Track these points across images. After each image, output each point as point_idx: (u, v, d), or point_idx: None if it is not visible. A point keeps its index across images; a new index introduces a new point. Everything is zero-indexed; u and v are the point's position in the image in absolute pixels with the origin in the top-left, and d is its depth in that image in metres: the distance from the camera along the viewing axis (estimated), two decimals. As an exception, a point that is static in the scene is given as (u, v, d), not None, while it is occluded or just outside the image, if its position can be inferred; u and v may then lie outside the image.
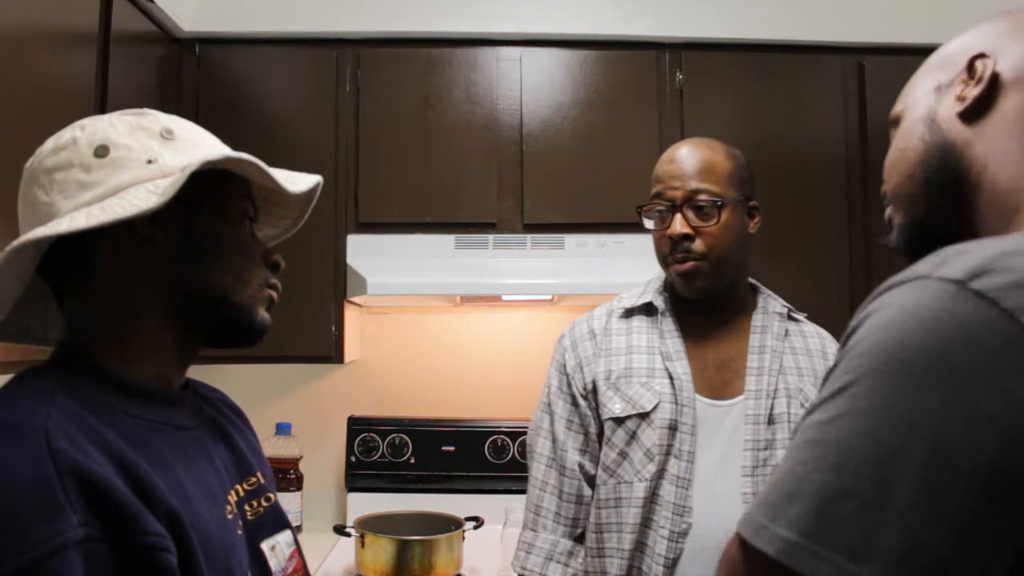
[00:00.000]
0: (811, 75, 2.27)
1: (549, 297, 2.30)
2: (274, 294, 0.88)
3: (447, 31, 2.23)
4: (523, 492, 2.27)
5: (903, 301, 0.56)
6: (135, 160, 0.78)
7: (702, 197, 1.33)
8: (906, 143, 0.74)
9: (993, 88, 0.68)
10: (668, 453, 1.30)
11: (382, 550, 1.92)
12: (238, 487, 0.87)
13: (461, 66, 2.24)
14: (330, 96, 2.22)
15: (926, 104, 0.73)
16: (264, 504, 0.90)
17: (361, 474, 2.39)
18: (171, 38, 2.15)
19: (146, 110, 0.83)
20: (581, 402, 1.39)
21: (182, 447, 0.80)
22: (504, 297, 2.30)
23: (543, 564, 1.37)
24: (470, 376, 2.54)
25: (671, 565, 1.27)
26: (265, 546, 0.88)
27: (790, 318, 1.43)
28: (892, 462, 0.51)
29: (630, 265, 2.14)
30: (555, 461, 1.40)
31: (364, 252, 2.16)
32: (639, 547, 1.30)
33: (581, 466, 1.38)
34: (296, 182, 0.85)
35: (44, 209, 0.77)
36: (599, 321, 1.44)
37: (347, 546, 2.05)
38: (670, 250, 1.35)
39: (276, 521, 0.91)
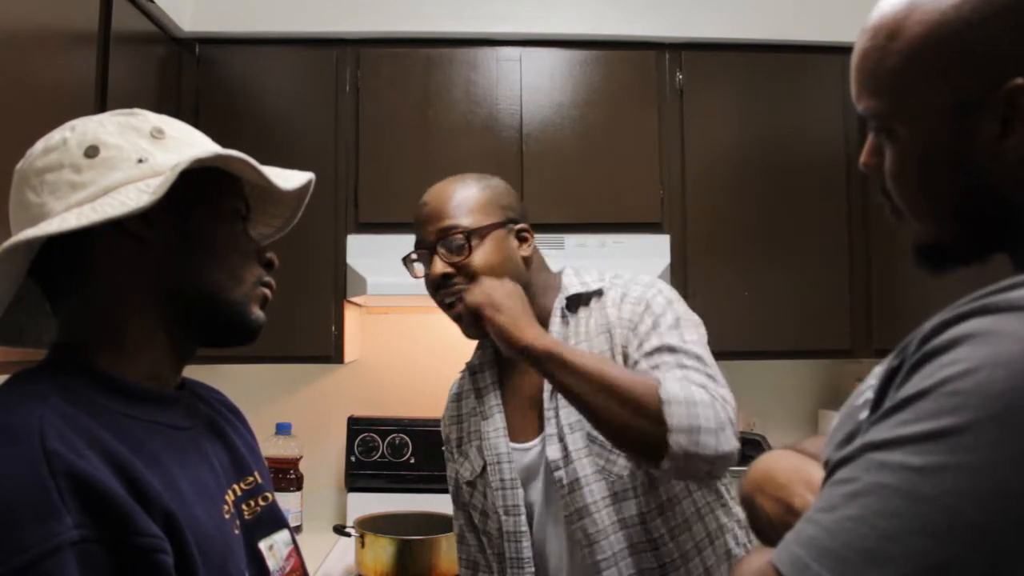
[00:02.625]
0: (811, 75, 2.27)
1: (549, 297, 2.30)
2: (268, 292, 0.87)
3: (447, 31, 2.23)
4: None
5: (1019, 332, 0.47)
6: (126, 160, 0.78)
7: (453, 234, 1.25)
8: (928, 174, 0.65)
9: None
10: (504, 512, 1.28)
11: (382, 550, 1.92)
12: (235, 487, 0.87)
13: (461, 66, 2.24)
14: (330, 96, 2.22)
15: (946, 132, 0.63)
16: (261, 503, 0.90)
17: (361, 474, 2.39)
18: (171, 38, 2.15)
19: (136, 110, 0.83)
20: (450, 470, 1.42)
21: (178, 447, 0.79)
22: (504, 297, 2.30)
23: None
24: (470, 376, 2.53)
25: None
26: (263, 546, 0.87)
27: (582, 302, 1.30)
28: (1012, 537, 0.43)
29: (630, 265, 2.12)
30: (456, 516, 1.43)
31: (364, 252, 2.16)
32: None
33: (470, 537, 1.40)
34: (288, 179, 0.85)
35: (35, 210, 0.77)
36: (455, 385, 1.45)
37: (347, 546, 2.05)
38: (436, 294, 1.27)
39: (274, 520, 0.91)
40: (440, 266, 1.25)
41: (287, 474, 2.31)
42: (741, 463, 1.06)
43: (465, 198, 1.30)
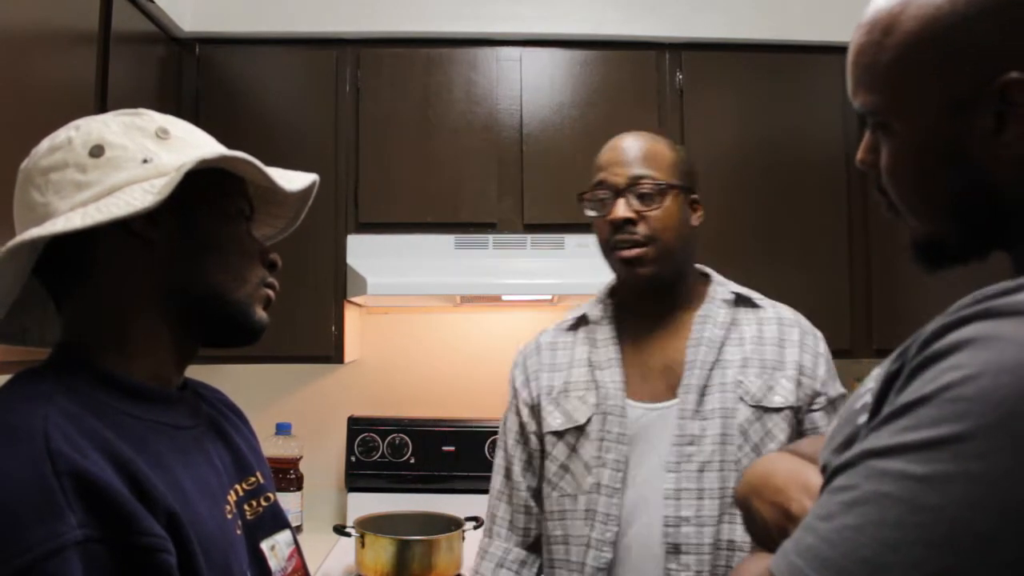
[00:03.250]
0: (811, 75, 2.27)
1: (549, 297, 2.30)
2: (271, 293, 0.87)
3: (447, 31, 2.23)
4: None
5: (1022, 337, 0.46)
6: (130, 160, 0.78)
7: (645, 182, 1.31)
8: (923, 170, 0.64)
9: None
10: (603, 465, 1.29)
11: (382, 550, 1.92)
12: (237, 487, 0.87)
13: (461, 66, 2.24)
14: (330, 96, 2.22)
15: (942, 128, 0.62)
16: (263, 504, 0.90)
17: (361, 474, 2.39)
18: (171, 38, 2.15)
19: (141, 110, 0.83)
20: (526, 417, 1.40)
21: (181, 447, 0.79)
22: (504, 297, 2.30)
23: (493, 570, 1.40)
24: (470, 376, 2.53)
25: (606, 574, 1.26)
26: (264, 546, 0.88)
27: (746, 304, 1.38)
28: (1018, 548, 0.42)
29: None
30: (508, 472, 1.43)
31: (364, 252, 2.16)
32: (604, 572, 1.28)
33: (525, 479, 1.40)
34: (292, 181, 0.85)
35: (40, 210, 0.77)
36: (547, 336, 1.45)
37: (347, 546, 2.05)
38: (612, 235, 1.32)
39: (275, 521, 0.91)
40: (624, 210, 1.30)
41: (287, 474, 2.31)
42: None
43: (658, 152, 1.36)
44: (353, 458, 2.39)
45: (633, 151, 1.34)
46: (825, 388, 1.34)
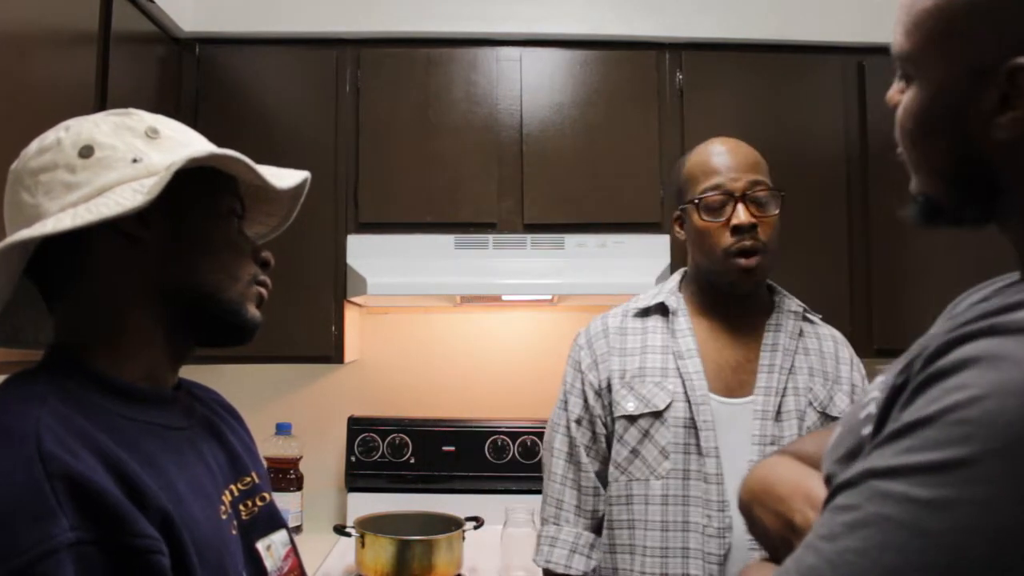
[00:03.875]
0: (811, 75, 2.26)
1: (549, 297, 2.30)
2: (264, 291, 0.87)
3: (447, 31, 2.23)
4: (523, 492, 2.30)
5: None
6: (120, 160, 0.78)
7: (761, 189, 1.34)
8: (927, 125, 0.64)
9: None
10: (690, 452, 1.32)
11: (382, 550, 1.91)
12: (232, 487, 0.87)
13: (461, 66, 2.24)
14: (330, 96, 2.22)
15: (952, 90, 0.61)
16: (259, 504, 0.90)
17: (361, 474, 2.38)
18: (171, 38, 2.15)
19: (131, 110, 0.83)
20: (593, 400, 1.41)
21: (175, 448, 0.79)
22: (504, 297, 2.30)
23: (568, 556, 1.39)
24: (470, 376, 2.53)
25: (723, 562, 1.28)
26: (260, 546, 0.88)
27: (805, 318, 1.44)
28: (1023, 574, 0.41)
29: (630, 265, 2.14)
30: (572, 456, 1.42)
31: (364, 252, 2.16)
32: (679, 551, 1.30)
33: (592, 461, 1.41)
34: (283, 178, 0.85)
35: (30, 211, 0.77)
36: (615, 320, 1.46)
37: (347, 546, 2.05)
38: (734, 241, 1.33)
39: (271, 521, 0.91)
40: (747, 215, 1.33)
41: (287, 474, 2.31)
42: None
43: (761, 159, 1.40)
44: (353, 458, 2.39)
45: (742, 156, 1.37)
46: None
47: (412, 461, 2.38)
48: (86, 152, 0.77)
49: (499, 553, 1.95)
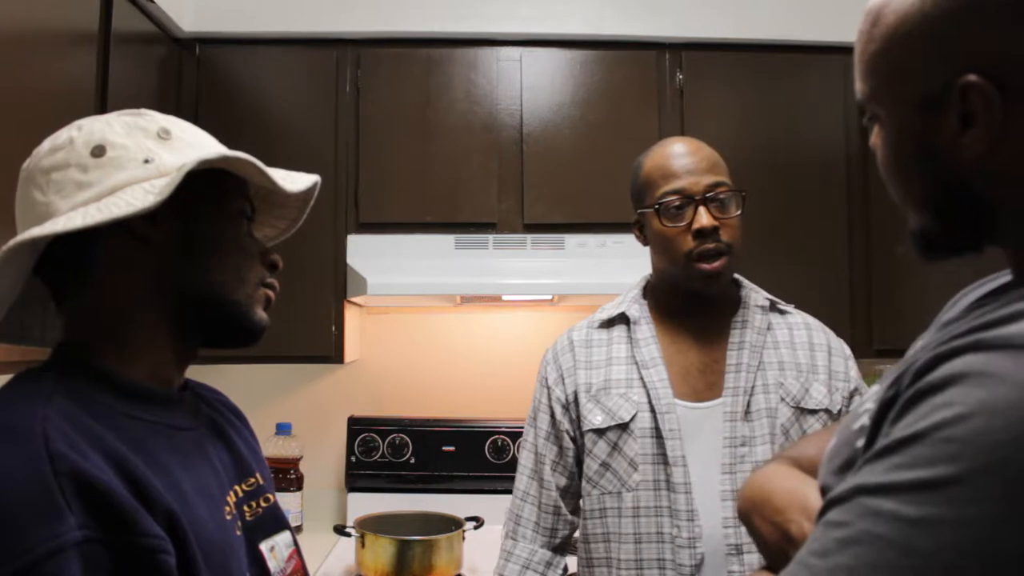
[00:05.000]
0: (811, 75, 2.27)
1: (549, 297, 2.30)
2: (272, 294, 0.87)
3: (447, 31, 2.23)
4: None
5: (1016, 375, 0.45)
6: (132, 160, 0.78)
7: (721, 190, 1.32)
8: (901, 162, 0.65)
9: (1002, 118, 0.57)
10: (658, 462, 1.30)
11: (382, 550, 1.92)
12: (237, 488, 0.87)
13: (461, 66, 2.24)
14: (330, 96, 2.22)
15: (912, 125, 0.62)
16: (263, 505, 0.90)
17: (361, 474, 2.38)
18: (171, 38, 2.15)
19: (143, 110, 0.83)
20: (560, 414, 1.40)
21: (180, 448, 0.79)
22: (504, 297, 2.30)
23: (520, 572, 1.39)
24: (470, 376, 2.53)
25: (695, 573, 1.26)
26: (264, 547, 0.87)
27: (775, 310, 1.42)
28: None
29: (630, 265, 2.13)
30: (536, 473, 1.42)
31: (364, 252, 2.16)
32: (654, 563, 1.29)
33: (555, 478, 1.40)
34: (294, 182, 0.85)
35: (41, 209, 0.77)
36: (579, 333, 1.44)
37: (347, 546, 2.05)
38: (696, 245, 1.30)
39: (275, 522, 0.91)
40: (708, 218, 1.30)
41: (287, 474, 2.31)
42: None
43: (719, 157, 1.37)
44: (353, 458, 2.39)
45: (704, 156, 1.35)
46: (859, 386, 1.39)
47: (412, 461, 2.38)
48: (98, 152, 0.77)
49: (499, 553, 1.95)
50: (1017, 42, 0.57)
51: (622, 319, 1.42)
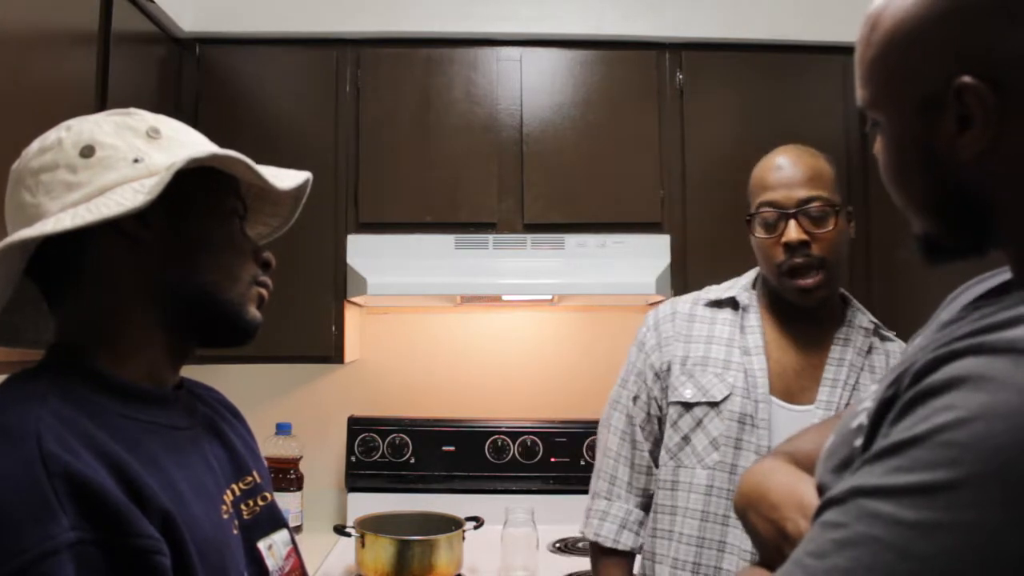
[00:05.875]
0: (811, 75, 2.26)
1: (549, 297, 2.30)
2: (265, 292, 0.87)
3: (447, 31, 2.23)
4: (523, 492, 2.30)
5: (1018, 380, 0.45)
6: (121, 160, 0.78)
7: (815, 204, 1.33)
8: (903, 166, 0.65)
9: (997, 118, 0.57)
10: (738, 447, 1.32)
11: (382, 550, 1.91)
12: (234, 487, 0.87)
13: (461, 66, 2.24)
14: (330, 96, 2.22)
15: (913, 128, 0.63)
16: (260, 503, 0.90)
17: (361, 474, 2.38)
18: (171, 38, 2.15)
19: (133, 109, 0.83)
20: (651, 380, 1.42)
21: (176, 447, 0.79)
22: (504, 297, 2.30)
23: (617, 531, 1.42)
24: (470, 376, 2.53)
25: (755, 560, 1.26)
26: (262, 545, 0.87)
27: (877, 334, 1.41)
28: None
29: (630, 265, 2.14)
30: (628, 434, 1.44)
31: (364, 252, 2.16)
32: (715, 543, 1.31)
33: (648, 440, 1.43)
34: (285, 179, 0.85)
35: (31, 210, 0.77)
36: (684, 306, 1.47)
37: (347, 546, 2.05)
38: (786, 259, 1.32)
39: (273, 520, 0.91)
40: (797, 232, 1.31)
41: (287, 474, 2.31)
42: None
43: (823, 170, 1.37)
44: (353, 458, 2.39)
45: (800, 170, 1.35)
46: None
47: (412, 461, 2.38)
48: (87, 152, 0.77)
49: (499, 553, 1.95)
50: (1011, 42, 0.57)
51: (731, 303, 1.43)
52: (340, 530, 2.05)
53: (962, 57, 0.58)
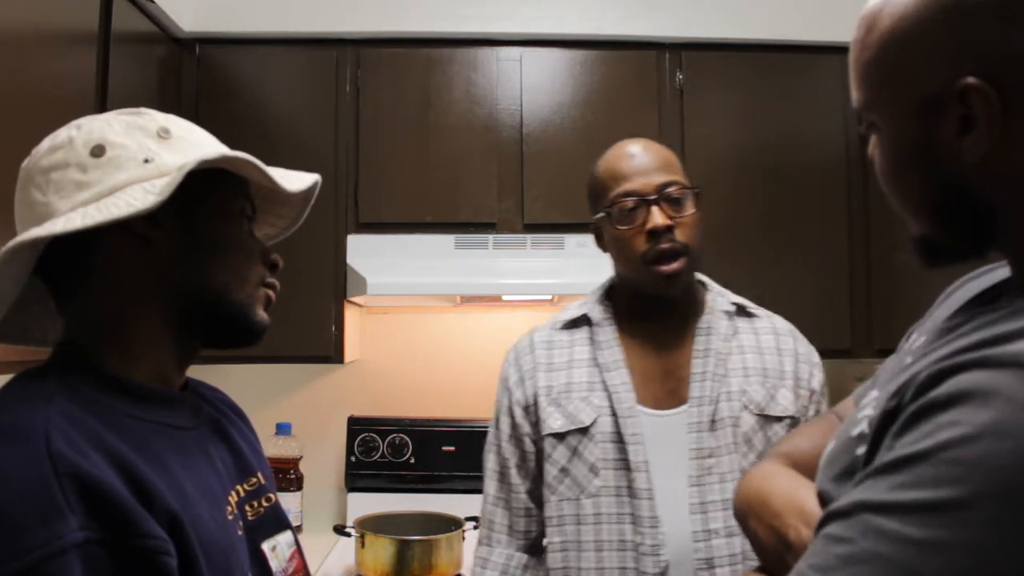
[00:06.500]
0: (811, 75, 2.27)
1: (549, 297, 2.30)
2: (272, 293, 0.87)
3: (447, 31, 2.23)
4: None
5: (1023, 396, 0.44)
6: (132, 160, 0.78)
7: (674, 188, 1.28)
8: (900, 169, 0.65)
9: (1001, 120, 0.56)
10: (620, 468, 1.27)
11: (382, 550, 1.92)
12: (239, 488, 0.87)
13: (461, 66, 2.24)
14: (330, 96, 2.22)
15: (911, 130, 0.62)
16: (265, 505, 0.90)
17: (361, 474, 2.38)
18: (171, 38, 2.15)
19: (143, 109, 0.83)
20: (520, 417, 1.36)
21: (182, 448, 0.79)
22: (504, 297, 2.30)
23: None
24: (470, 376, 2.53)
25: None
26: (266, 547, 0.88)
27: (742, 314, 1.38)
28: None
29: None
30: (503, 476, 1.38)
31: (364, 252, 2.16)
32: (616, 571, 1.25)
33: (523, 481, 1.36)
34: (294, 181, 0.85)
35: (40, 209, 0.77)
36: (541, 334, 1.41)
37: (347, 546, 2.05)
38: (651, 246, 1.27)
39: (277, 522, 0.91)
40: (661, 217, 1.27)
41: (287, 474, 2.31)
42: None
43: (671, 156, 1.34)
44: (353, 458, 2.39)
45: (653, 155, 1.32)
46: (819, 400, 1.36)
47: (412, 461, 2.38)
48: (98, 151, 0.77)
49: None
50: (1012, 43, 0.56)
51: (585, 321, 1.38)
52: (340, 530, 2.05)
53: (963, 58, 0.58)
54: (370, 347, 2.55)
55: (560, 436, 1.31)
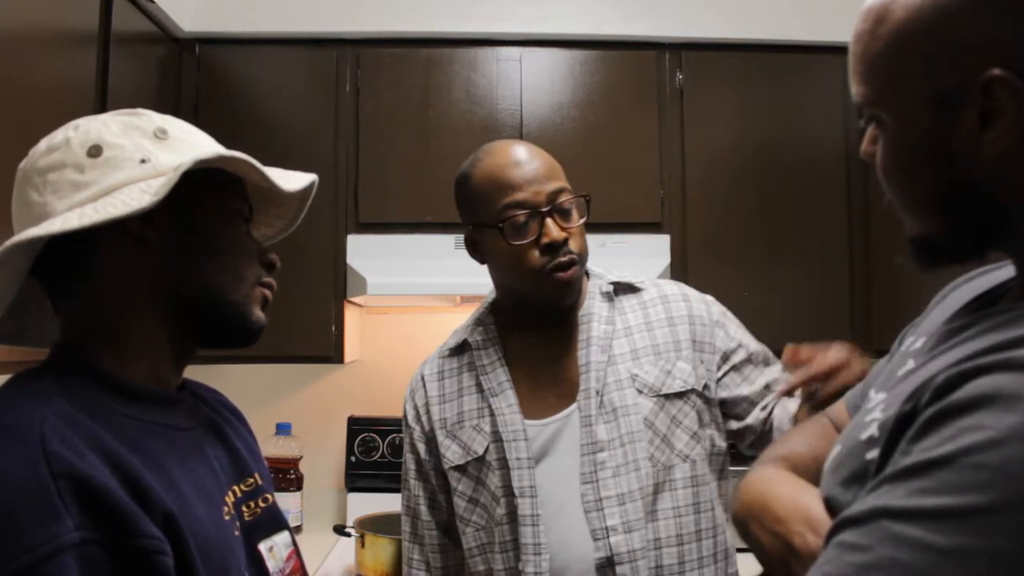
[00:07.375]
0: (811, 75, 2.27)
1: (549, 297, 2.30)
2: (269, 293, 0.87)
3: (447, 31, 2.23)
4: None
5: None
6: (128, 160, 0.78)
7: (565, 198, 1.22)
8: (907, 164, 0.63)
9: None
10: (522, 494, 1.21)
11: (382, 550, 1.92)
12: (235, 488, 0.87)
13: (461, 66, 2.24)
14: (330, 96, 2.22)
15: (924, 124, 0.60)
16: (262, 505, 0.90)
17: (361, 474, 2.39)
18: (171, 38, 2.15)
19: (140, 110, 0.83)
20: (424, 453, 1.32)
21: (179, 448, 0.79)
22: (504, 297, 2.30)
23: None
24: (470, 376, 2.53)
25: None
26: (263, 547, 0.87)
27: (627, 291, 1.32)
28: None
29: (630, 265, 2.12)
30: (414, 512, 1.35)
31: (364, 252, 2.16)
32: None
33: (433, 516, 1.33)
34: (291, 181, 0.85)
35: (38, 209, 0.77)
36: (430, 366, 1.37)
37: (347, 546, 2.05)
38: (547, 260, 1.19)
39: (274, 522, 0.91)
40: (558, 231, 1.19)
41: (287, 474, 2.31)
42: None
43: (555, 162, 1.27)
44: (353, 458, 2.39)
45: (540, 162, 1.24)
46: (731, 347, 1.30)
47: (412, 461, 2.37)
48: (95, 152, 0.77)
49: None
50: None
51: (466, 347, 1.33)
52: (340, 530, 2.05)
53: (985, 50, 0.56)
54: (370, 347, 2.55)
55: (461, 468, 1.27)
